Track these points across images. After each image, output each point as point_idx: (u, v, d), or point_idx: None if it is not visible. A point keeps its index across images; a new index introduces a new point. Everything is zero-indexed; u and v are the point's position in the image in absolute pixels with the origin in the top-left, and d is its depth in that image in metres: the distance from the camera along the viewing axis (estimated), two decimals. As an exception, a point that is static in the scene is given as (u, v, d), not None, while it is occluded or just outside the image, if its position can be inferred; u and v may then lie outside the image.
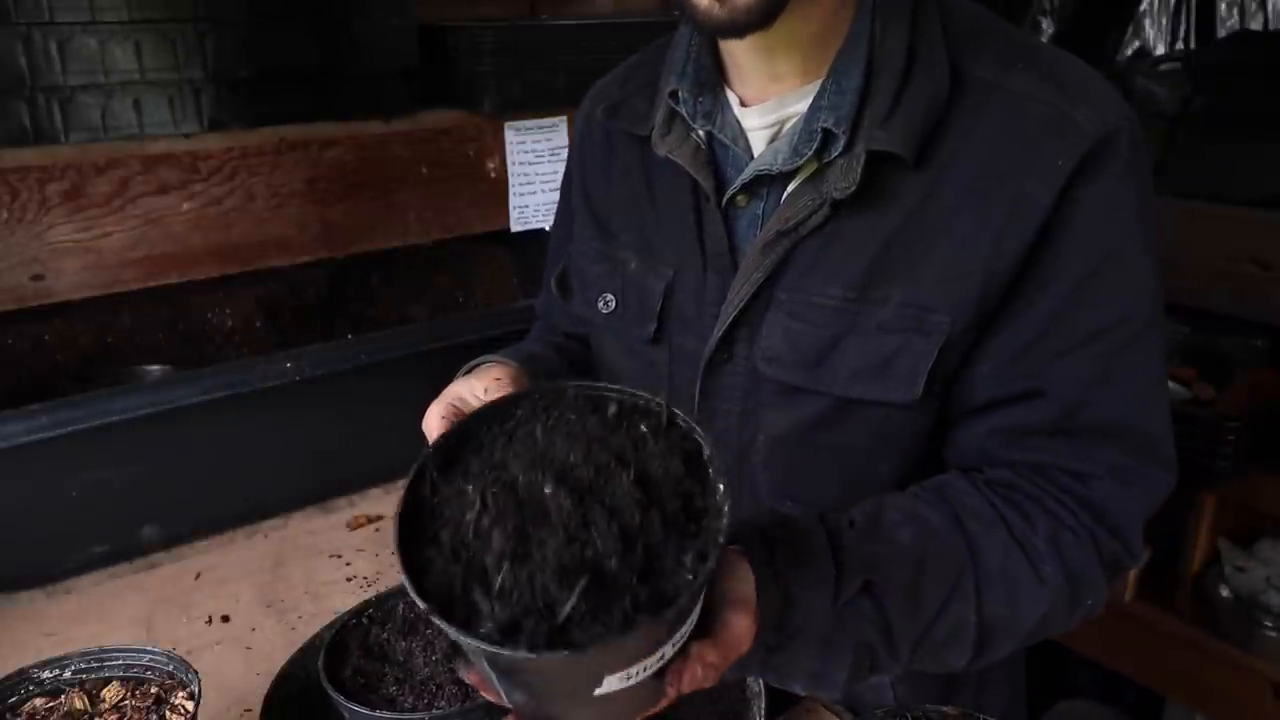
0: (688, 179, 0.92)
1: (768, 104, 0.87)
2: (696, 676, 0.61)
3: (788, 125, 0.87)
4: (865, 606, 0.74)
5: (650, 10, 2.24)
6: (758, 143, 0.89)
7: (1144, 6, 2.98)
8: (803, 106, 0.85)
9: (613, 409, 0.63)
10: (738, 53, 0.87)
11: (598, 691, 0.57)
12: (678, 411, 0.63)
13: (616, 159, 1.02)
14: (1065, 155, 0.78)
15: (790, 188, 0.87)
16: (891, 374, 0.84)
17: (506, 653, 0.51)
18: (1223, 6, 2.95)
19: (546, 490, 0.56)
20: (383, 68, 1.67)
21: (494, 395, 0.74)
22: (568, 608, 0.52)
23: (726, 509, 0.58)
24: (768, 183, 0.88)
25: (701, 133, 0.90)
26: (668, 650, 0.58)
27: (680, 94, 0.90)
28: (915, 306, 0.82)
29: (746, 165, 0.88)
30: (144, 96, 1.46)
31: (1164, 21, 3.00)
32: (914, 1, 0.83)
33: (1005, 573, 0.79)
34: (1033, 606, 0.79)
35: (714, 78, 0.90)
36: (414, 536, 0.58)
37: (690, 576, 0.55)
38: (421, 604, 0.53)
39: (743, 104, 0.89)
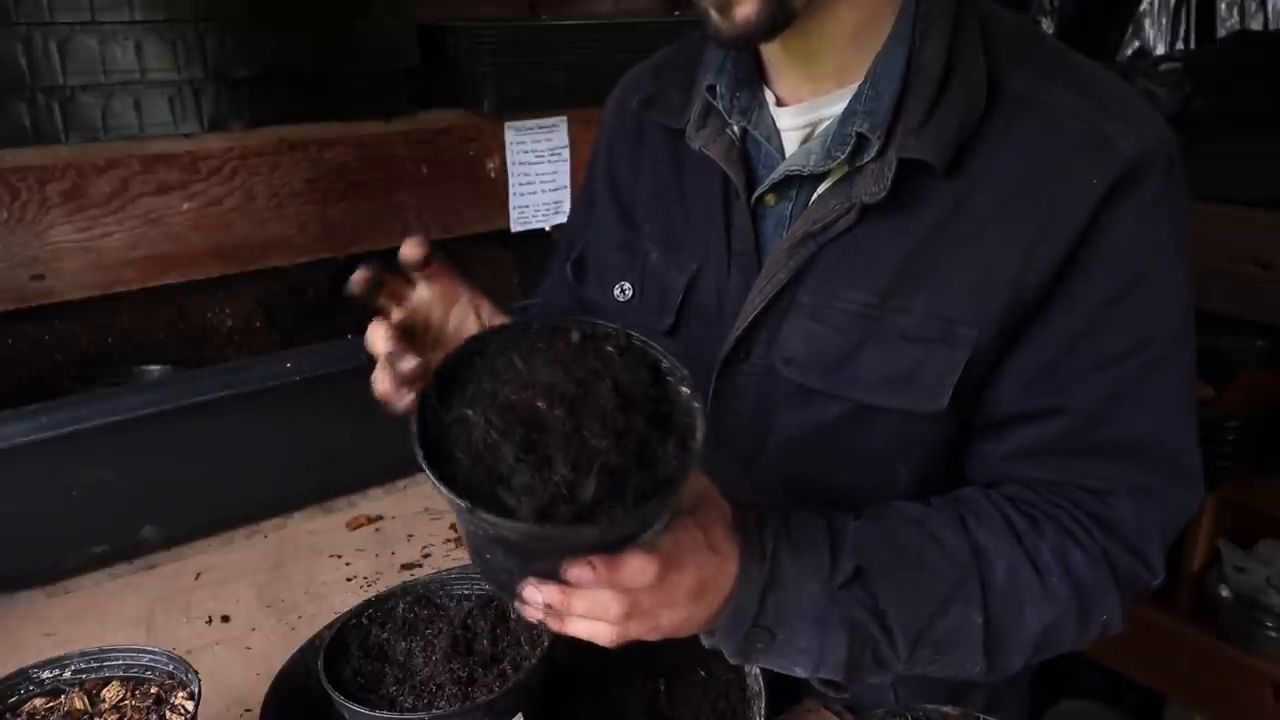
0: (719, 175, 0.92)
1: (803, 105, 0.87)
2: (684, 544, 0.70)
3: (821, 127, 0.87)
4: (857, 591, 0.76)
5: (650, 10, 2.24)
6: (790, 143, 0.89)
7: (1144, 6, 2.98)
8: (837, 109, 0.85)
9: (576, 335, 0.69)
10: (774, 54, 0.87)
11: None
12: (633, 334, 0.70)
13: (646, 149, 1.02)
14: (1100, 174, 0.78)
15: (819, 190, 0.87)
16: (917, 383, 0.84)
17: (553, 531, 0.59)
18: (1223, 6, 2.95)
19: (540, 405, 0.63)
20: (383, 68, 1.67)
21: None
22: (590, 490, 0.60)
23: (696, 404, 0.66)
24: (797, 183, 0.88)
25: (736, 128, 0.91)
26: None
27: (718, 89, 0.90)
28: (941, 318, 0.82)
29: (778, 165, 0.88)
30: (144, 96, 1.45)
31: (1164, 21, 3.00)
32: (956, 11, 0.83)
33: (1011, 581, 0.79)
34: (1037, 617, 0.79)
35: (752, 75, 0.90)
36: (432, 459, 0.62)
37: (675, 462, 0.63)
38: (462, 501, 0.59)
39: (779, 103, 0.89)
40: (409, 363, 0.72)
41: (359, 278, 0.75)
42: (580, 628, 0.68)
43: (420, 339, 0.78)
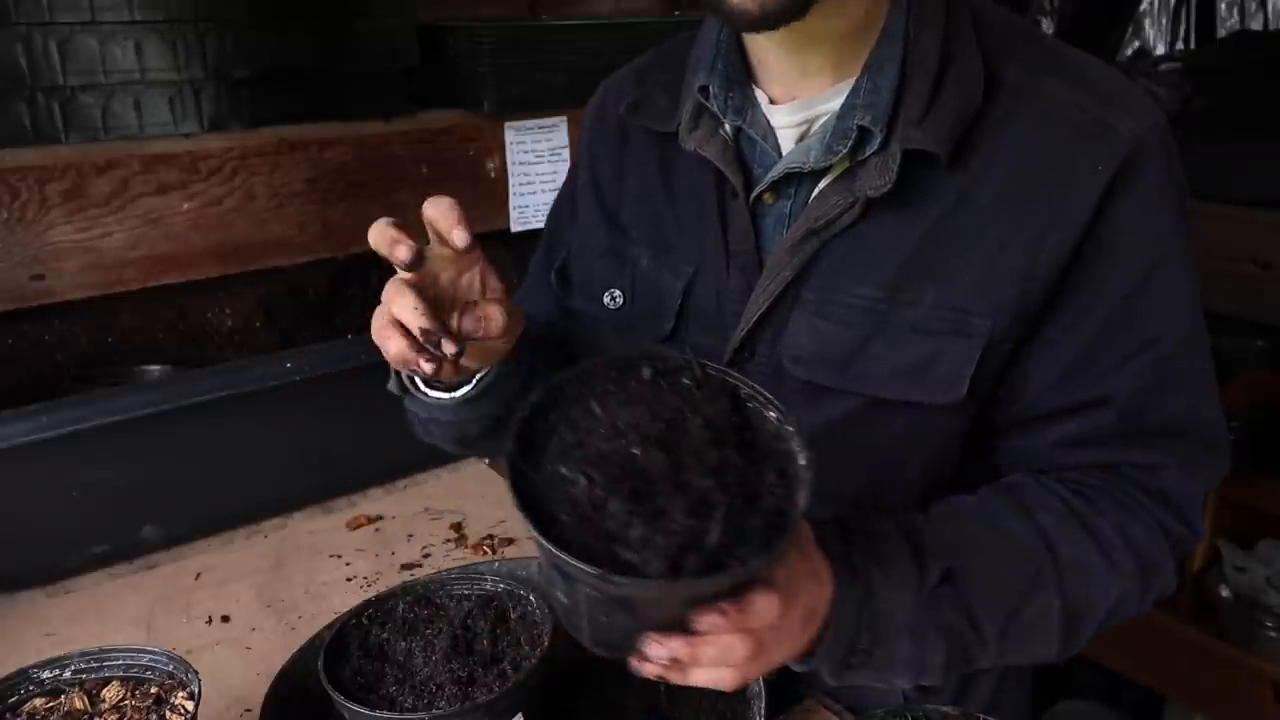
0: (712, 175, 0.92)
1: (796, 102, 0.87)
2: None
3: (817, 124, 0.87)
4: (947, 594, 0.77)
5: (650, 10, 2.24)
6: (785, 141, 0.89)
7: (1144, 6, 2.98)
8: (832, 105, 0.85)
9: (647, 372, 0.67)
10: (767, 51, 0.87)
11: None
12: (707, 362, 0.68)
13: (630, 153, 1.02)
14: (1103, 161, 0.79)
15: (820, 186, 0.87)
16: (932, 376, 0.84)
17: (691, 585, 0.57)
18: (1223, 6, 2.95)
19: (635, 452, 0.61)
20: (383, 68, 1.67)
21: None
22: (715, 535, 0.57)
23: (790, 428, 0.64)
24: (796, 181, 0.88)
25: (730, 128, 0.90)
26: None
27: (710, 89, 0.89)
28: (953, 309, 0.83)
29: (774, 163, 0.88)
30: (144, 96, 1.46)
31: (1164, 21, 3.00)
32: (947, 4, 0.83)
33: (1079, 560, 0.81)
34: (1106, 592, 0.81)
35: (743, 75, 0.90)
36: (541, 527, 0.59)
37: (780, 492, 0.61)
38: (591, 569, 0.56)
39: (771, 101, 0.89)
40: (450, 348, 0.73)
41: (408, 253, 0.74)
42: (702, 676, 0.65)
43: (429, 298, 0.78)
